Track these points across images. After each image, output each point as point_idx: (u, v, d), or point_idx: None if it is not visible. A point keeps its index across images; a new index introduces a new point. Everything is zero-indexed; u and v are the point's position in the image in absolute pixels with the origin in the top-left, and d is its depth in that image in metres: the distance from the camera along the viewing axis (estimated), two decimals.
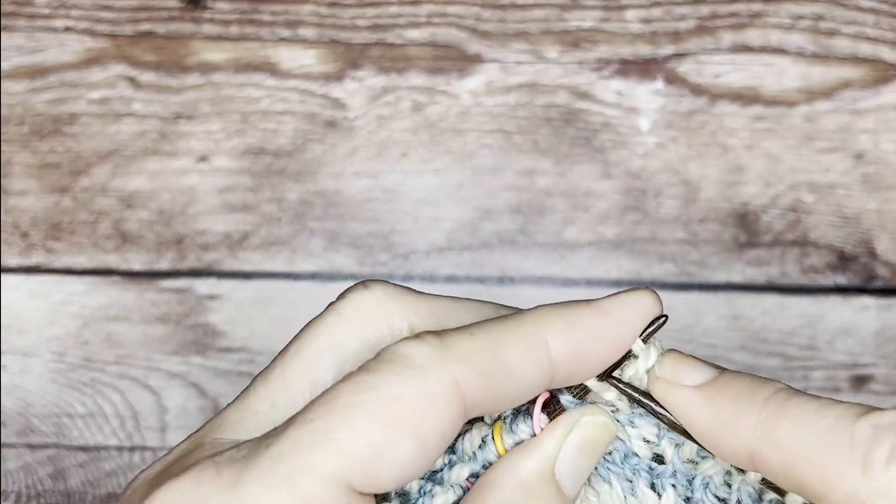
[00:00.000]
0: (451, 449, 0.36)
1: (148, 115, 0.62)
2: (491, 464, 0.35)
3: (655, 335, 0.35)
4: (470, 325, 0.35)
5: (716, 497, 0.36)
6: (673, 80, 0.62)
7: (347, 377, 0.34)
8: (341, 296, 0.37)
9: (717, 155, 0.61)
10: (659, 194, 0.61)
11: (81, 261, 0.62)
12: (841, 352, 0.61)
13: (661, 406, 0.35)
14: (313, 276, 0.62)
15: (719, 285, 0.61)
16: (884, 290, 0.61)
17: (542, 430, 0.35)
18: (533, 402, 0.35)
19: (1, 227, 0.62)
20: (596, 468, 0.37)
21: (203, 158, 0.62)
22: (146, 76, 0.62)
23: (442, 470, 0.36)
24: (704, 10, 0.61)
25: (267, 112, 0.62)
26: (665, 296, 0.61)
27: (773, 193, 0.61)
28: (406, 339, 0.34)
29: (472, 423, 0.36)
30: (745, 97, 0.61)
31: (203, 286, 0.62)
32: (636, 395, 0.36)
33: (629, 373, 0.36)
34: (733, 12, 0.61)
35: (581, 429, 0.35)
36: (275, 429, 0.34)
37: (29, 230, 0.62)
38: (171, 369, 0.62)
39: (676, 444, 0.36)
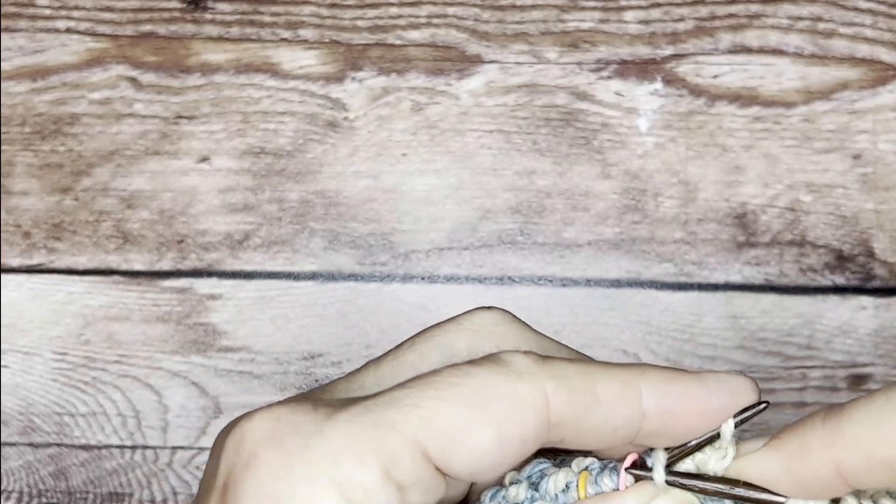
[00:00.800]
0: (536, 487, 0.37)
1: (149, 115, 0.62)
2: None
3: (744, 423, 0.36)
4: (574, 359, 0.37)
5: None
6: (672, 80, 0.62)
7: (452, 364, 0.36)
8: (466, 311, 0.39)
9: (715, 155, 0.61)
10: (658, 194, 0.61)
11: (83, 261, 0.62)
12: (839, 351, 0.61)
13: (744, 485, 0.36)
14: (313, 276, 0.62)
15: (718, 285, 0.61)
16: (882, 289, 0.61)
17: (626, 487, 0.36)
18: (622, 460, 0.36)
19: (2, 227, 0.62)
20: None
21: (204, 159, 0.62)
22: (147, 77, 0.62)
23: (523, 502, 0.37)
24: (703, 10, 0.62)
25: (267, 112, 0.62)
26: (664, 296, 0.61)
27: (772, 193, 0.61)
28: (513, 350, 0.36)
29: (559, 466, 0.37)
30: (744, 98, 0.61)
31: (204, 286, 0.62)
32: (715, 485, 0.36)
33: (704, 457, 0.36)
34: (732, 13, 0.62)
35: (665, 499, 0.36)
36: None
37: (30, 230, 0.62)
38: (172, 369, 0.62)
39: None
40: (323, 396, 0.37)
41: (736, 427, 0.36)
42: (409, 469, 0.35)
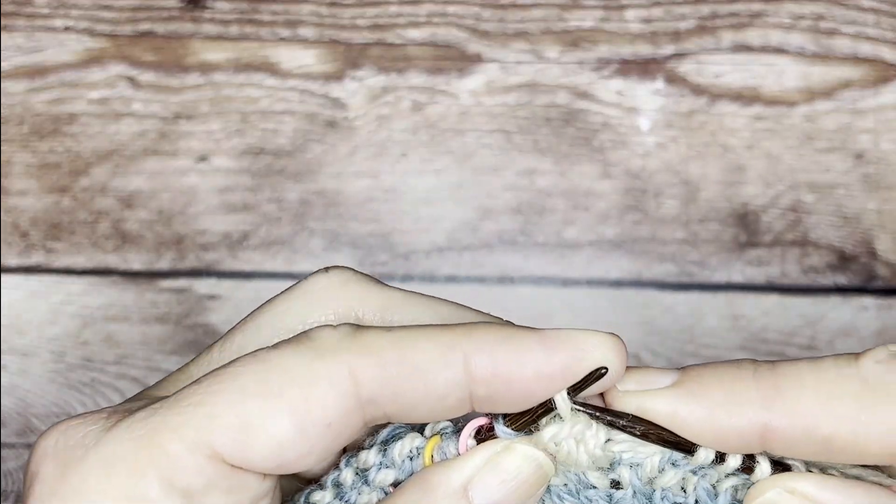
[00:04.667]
0: (385, 452, 0.35)
1: (147, 114, 0.62)
2: None
3: (595, 388, 0.33)
4: (394, 327, 0.34)
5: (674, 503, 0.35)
6: (673, 79, 0.61)
7: (251, 352, 0.34)
8: (304, 278, 0.37)
9: (717, 155, 0.61)
10: (659, 194, 0.61)
11: (81, 261, 0.62)
12: (841, 351, 0.61)
13: (635, 420, 0.33)
14: None
15: (719, 285, 0.61)
16: (884, 290, 0.61)
17: (466, 450, 0.34)
18: (492, 418, 0.34)
19: (0, 226, 0.62)
20: None
21: (203, 158, 0.62)
22: (146, 76, 0.62)
23: (371, 469, 0.35)
24: (705, 9, 0.61)
25: (267, 112, 0.62)
26: (665, 296, 0.61)
27: (774, 193, 0.61)
28: (325, 325, 0.34)
29: (416, 429, 0.35)
30: (746, 97, 0.61)
31: (203, 286, 0.62)
32: (607, 415, 0.33)
33: (550, 431, 0.33)
34: (733, 12, 0.61)
35: (506, 457, 0.34)
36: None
37: (28, 230, 0.62)
38: (170, 369, 0.62)
39: (632, 466, 0.34)
40: (146, 395, 0.35)
41: (571, 395, 0.32)
42: (194, 473, 0.32)
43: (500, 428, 0.33)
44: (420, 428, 0.35)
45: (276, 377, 0.32)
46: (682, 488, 0.34)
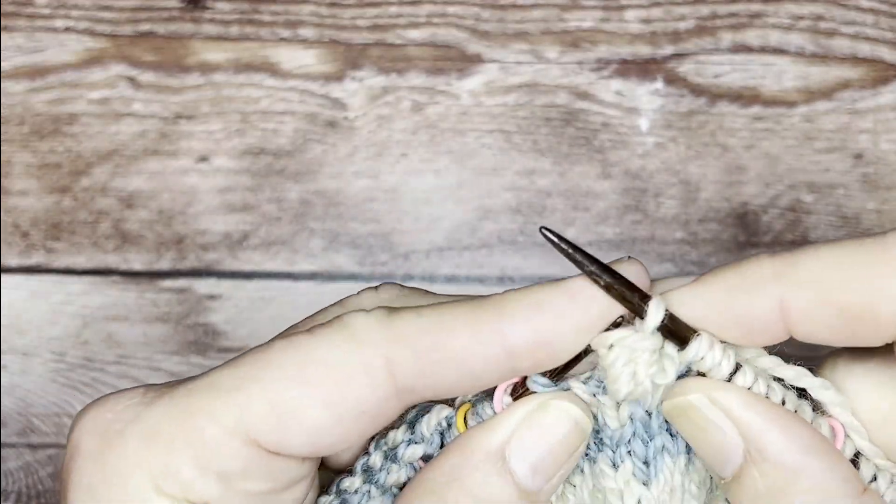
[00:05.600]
0: (412, 428, 0.35)
1: (148, 115, 0.62)
2: None
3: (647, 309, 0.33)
4: (424, 306, 0.33)
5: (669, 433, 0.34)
6: (672, 80, 0.62)
7: (284, 333, 0.34)
8: (343, 306, 0.37)
9: (716, 155, 0.61)
10: (658, 194, 0.61)
11: (81, 261, 0.62)
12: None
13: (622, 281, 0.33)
14: (313, 276, 0.62)
15: None
16: None
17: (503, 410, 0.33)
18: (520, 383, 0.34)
19: (1, 227, 0.62)
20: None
21: (203, 158, 0.62)
22: (146, 76, 0.62)
23: (399, 446, 0.35)
24: (704, 10, 0.62)
25: (267, 112, 0.62)
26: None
27: (773, 193, 0.61)
28: (359, 311, 0.33)
29: (441, 405, 0.35)
30: (745, 97, 0.61)
31: (203, 286, 0.62)
32: (578, 254, 0.33)
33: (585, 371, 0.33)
34: (733, 12, 0.62)
35: (543, 414, 0.33)
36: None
37: (29, 230, 0.62)
38: (171, 369, 0.62)
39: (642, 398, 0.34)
40: (184, 383, 0.35)
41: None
42: (230, 458, 0.32)
43: (534, 382, 0.33)
44: (448, 400, 0.35)
45: (313, 365, 0.32)
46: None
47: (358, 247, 0.62)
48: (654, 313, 0.33)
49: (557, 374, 0.34)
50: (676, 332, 0.33)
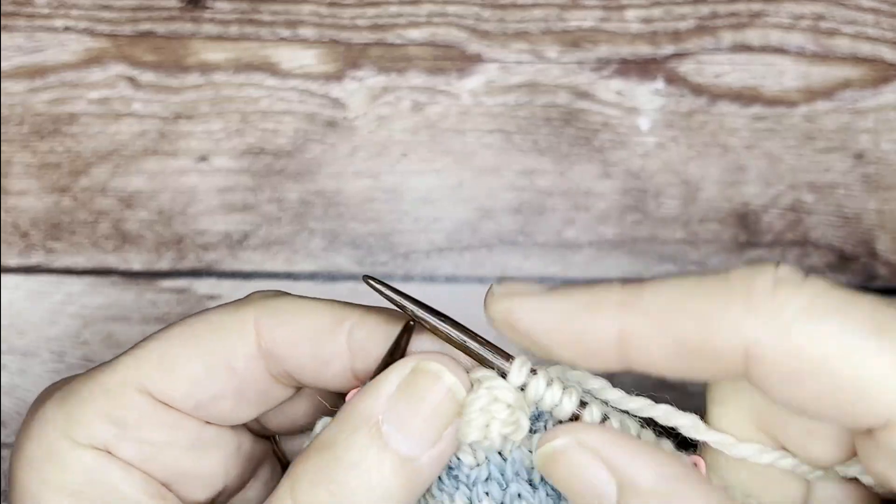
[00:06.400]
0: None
1: (148, 114, 0.62)
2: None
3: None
4: (311, 298, 0.39)
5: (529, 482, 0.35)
6: (673, 79, 0.62)
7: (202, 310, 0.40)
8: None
9: (717, 155, 0.61)
10: (659, 194, 0.61)
11: (81, 261, 0.62)
12: None
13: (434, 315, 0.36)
14: (313, 276, 0.62)
15: None
16: (884, 289, 0.61)
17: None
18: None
19: (0, 226, 0.62)
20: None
21: (203, 158, 0.62)
22: (146, 76, 0.62)
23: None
24: (704, 9, 0.61)
25: (267, 112, 0.62)
26: None
27: (774, 193, 0.61)
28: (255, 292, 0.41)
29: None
30: (746, 97, 0.61)
31: (203, 286, 0.62)
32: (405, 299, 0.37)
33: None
34: (733, 12, 0.61)
35: (414, 377, 0.35)
36: None
37: (28, 230, 0.62)
38: None
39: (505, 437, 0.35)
40: None
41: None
42: (127, 406, 0.38)
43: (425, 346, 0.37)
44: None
45: (199, 326, 0.38)
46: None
47: (358, 247, 0.62)
48: (518, 372, 0.34)
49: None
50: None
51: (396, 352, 0.36)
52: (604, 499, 0.33)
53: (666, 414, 0.35)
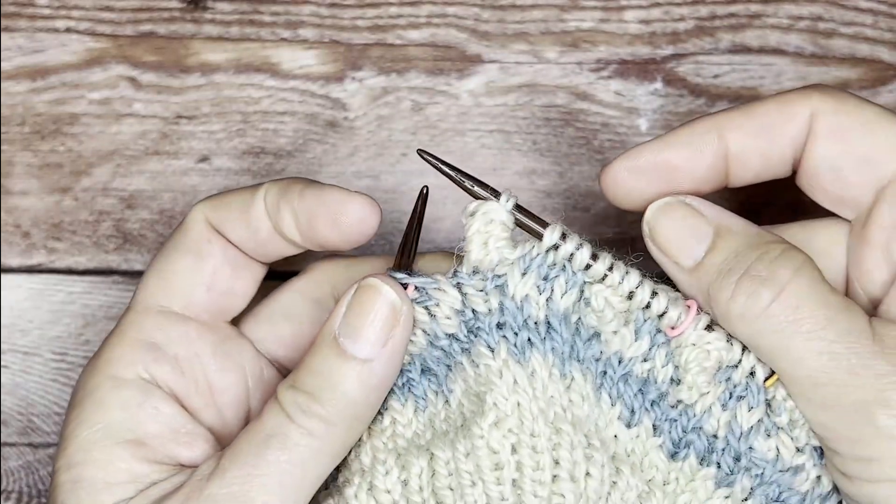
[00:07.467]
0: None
1: (149, 115, 0.62)
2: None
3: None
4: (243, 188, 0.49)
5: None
6: (672, 80, 0.62)
7: None
8: None
9: None
10: None
11: (82, 261, 0.62)
12: None
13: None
14: None
15: None
16: None
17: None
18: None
19: (2, 227, 0.62)
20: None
21: (204, 158, 0.62)
22: (147, 76, 0.62)
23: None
24: (703, 10, 0.62)
25: (267, 112, 0.62)
26: None
27: (773, 193, 0.61)
28: None
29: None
30: (744, 97, 0.61)
31: None
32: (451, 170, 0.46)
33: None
34: (732, 13, 0.62)
35: (356, 294, 0.43)
36: None
37: (30, 230, 0.62)
38: None
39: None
40: None
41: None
42: (154, 328, 0.46)
43: (391, 273, 0.44)
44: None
45: (173, 240, 0.48)
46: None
47: (358, 247, 0.62)
48: (505, 200, 0.44)
49: (404, 265, 0.45)
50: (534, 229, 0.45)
51: (414, 217, 0.46)
52: (700, 240, 0.44)
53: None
